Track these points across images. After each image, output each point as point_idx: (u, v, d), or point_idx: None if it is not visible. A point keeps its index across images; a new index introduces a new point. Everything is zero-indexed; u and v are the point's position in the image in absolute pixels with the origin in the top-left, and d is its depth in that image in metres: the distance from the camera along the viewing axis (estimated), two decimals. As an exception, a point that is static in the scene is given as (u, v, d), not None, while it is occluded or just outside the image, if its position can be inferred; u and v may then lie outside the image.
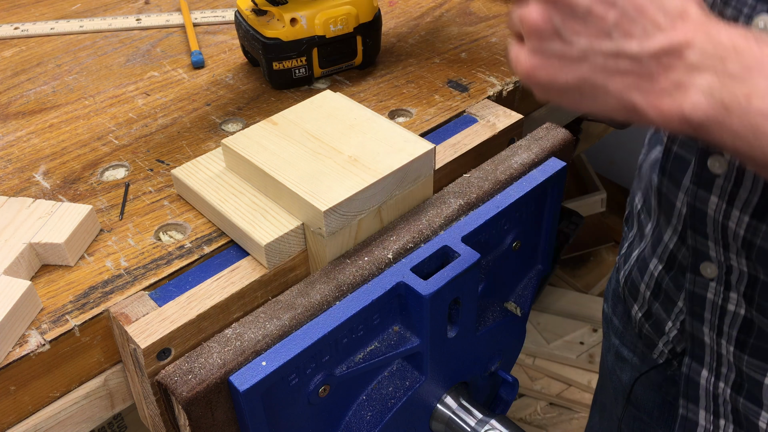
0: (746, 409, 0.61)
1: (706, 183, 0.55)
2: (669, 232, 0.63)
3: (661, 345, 0.70)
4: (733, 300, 0.58)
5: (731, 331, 0.59)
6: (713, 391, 0.63)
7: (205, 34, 0.86)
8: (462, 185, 0.62)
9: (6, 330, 0.47)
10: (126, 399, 0.55)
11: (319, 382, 0.52)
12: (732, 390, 0.62)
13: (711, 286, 0.59)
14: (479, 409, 0.64)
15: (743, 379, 0.60)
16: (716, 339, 0.61)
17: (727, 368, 0.61)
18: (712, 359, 0.62)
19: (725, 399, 0.63)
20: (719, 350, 0.61)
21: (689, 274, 0.60)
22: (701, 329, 0.62)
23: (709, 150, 0.54)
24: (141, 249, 0.56)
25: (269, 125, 0.60)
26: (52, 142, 0.68)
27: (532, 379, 1.74)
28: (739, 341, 0.59)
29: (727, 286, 0.58)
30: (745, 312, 0.57)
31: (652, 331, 0.71)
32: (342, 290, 0.53)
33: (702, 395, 0.65)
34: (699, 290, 0.60)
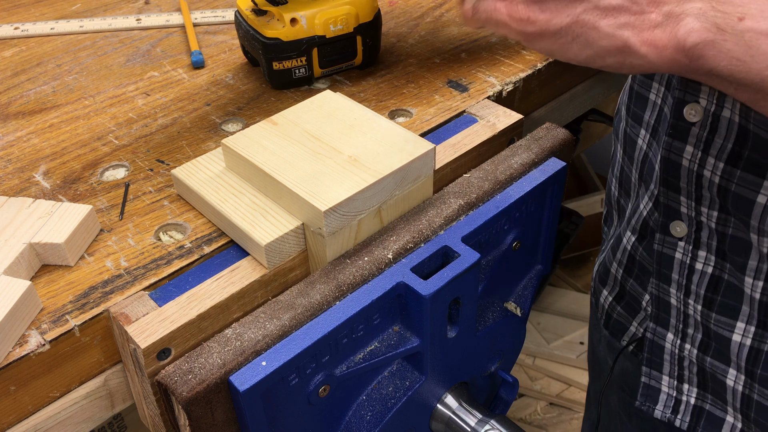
0: (714, 367, 0.62)
1: (681, 133, 0.55)
2: (645, 198, 0.64)
3: (633, 327, 0.71)
4: (701, 258, 0.58)
5: (699, 290, 0.60)
6: (678, 353, 0.64)
7: (205, 34, 0.86)
8: (462, 185, 0.62)
9: (6, 330, 0.47)
10: (126, 399, 0.55)
11: (319, 382, 0.52)
12: (699, 350, 0.62)
13: (680, 245, 0.59)
14: (479, 409, 0.64)
15: (710, 338, 0.61)
16: (683, 299, 0.61)
17: (694, 329, 0.62)
18: (678, 321, 0.63)
19: (691, 360, 0.63)
20: (686, 311, 0.62)
21: (658, 234, 0.61)
22: (668, 291, 0.62)
23: (686, 99, 0.54)
24: (141, 249, 0.56)
25: (269, 125, 0.60)
26: (52, 142, 0.68)
27: (532, 379, 1.74)
28: (706, 299, 0.59)
29: (696, 244, 0.58)
30: (712, 270, 0.58)
31: (625, 312, 0.71)
32: (342, 290, 0.53)
33: (666, 360, 0.65)
34: (667, 250, 0.61)
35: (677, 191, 0.58)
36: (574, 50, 0.46)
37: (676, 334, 0.64)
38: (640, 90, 0.63)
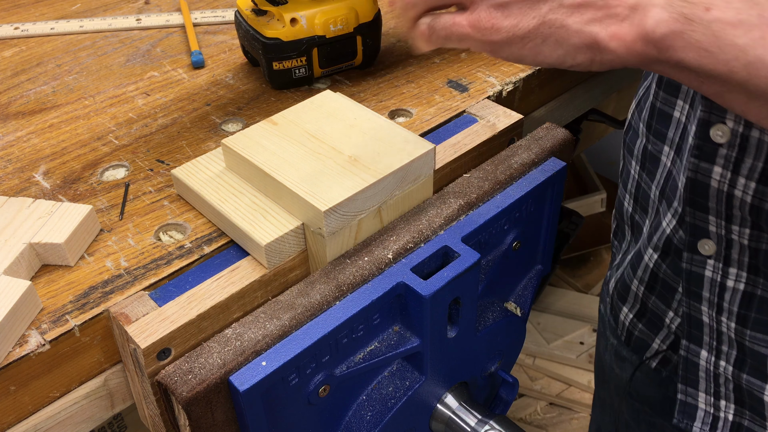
0: (750, 384, 0.61)
1: (708, 154, 0.54)
2: (668, 216, 0.63)
3: (656, 344, 0.70)
4: (732, 275, 0.57)
5: (732, 306, 0.59)
6: (714, 371, 0.63)
7: (205, 34, 0.86)
8: (462, 185, 0.62)
9: (6, 330, 0.47)
10: (126, 399, 0.55)
11: (319, 382, 0.52)
12: (734, 367, 0.61)
13: (709, 263, 0.59)
14: (479, 409, 0.64)
15: (746, 355, 0.60)
16: (716, 317, 0.60)
17: (728, 346, 0.61)
18: (712, 338, 0.62)
19: (727, 378, 0.62)
20: (719, 328, 0.61)
21: (686, 253, 0.60)
22: (699, 309, 0.61)
23: (711, 120, 0.53)
24: (141, 249, 0.56)
25: (269, 125, 0.60)
26: (52, 142, 0.68)
27: (532, 379, 1.74)
28: (740, 316, 0.58)
29: (727, 262, 0.57)
30: (744, 286, 0.57)
31: (647, 330, 0.70)
32: (342, 290, 0.53)
33: (702, 377, 0.64)
34: (696, 269, 0.60)
35: (705, 211, 0.57)
36: (544, 52, 0.45)
37: (711, 351, 0.62)
38: (663, 107, 0.62)
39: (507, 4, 0.44)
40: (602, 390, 0.90)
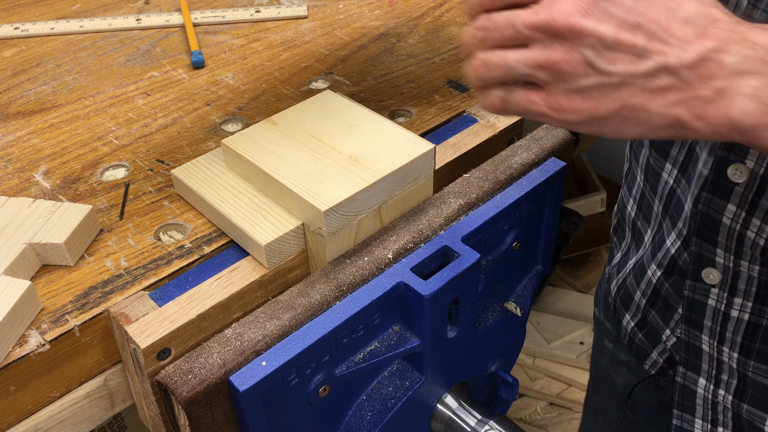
0: (750, 414, 0.60)
1: (723, 191, 0.53)
2: (673, 236, 0.62)
3: (655, 355, 0.70)
4: (737, 305, 0.56)
5: (735, 337, 0.58)
6: (712, 399, 0.63)
7: (205, 34, 0.86)
8: (462, 185, 0.62)
9: (6, 330, 0.47)
10: (126, 399, 0.55)
11: (319, 382, 0.52)
12: (734, 397, 0.61)
13: (713, 292, 0.57)
14: (479, 409, 0.64)
15: (747, 385, 0.59)
16: (717, 346, 0.59)
17: (728, 375, 0.60)
18: (711, 367, 0.61)
19: (726, 406, 0.62)
20: (720, 357, 0.60)
21: (689, 280, 0.59)
22: (699, 337, 0.61)
23: (730, 158, 0.52)
24: (141, 249, 0.56)
25: (269, 125, 0.60)
26: (52, 142, 0.68)
27: (532, 379, 1.74)
28: (743, 347, 0.57)
29: (732, 292, 0.56)
30: (750, 317, 0.56)
31: (646, 340, 0.70)
32: (342, 290, 0.53)
33: (699, 404, 0.64)
34: (699, 297, 0.59)
35: (714, 244, 0.56)
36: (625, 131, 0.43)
37: (709, 379, 0.62)
38: None
39: (587, 89, 0.42)
40: (596, 396, 0.90)
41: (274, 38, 0.85)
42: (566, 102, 0.43)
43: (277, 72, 0.78)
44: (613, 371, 0.80)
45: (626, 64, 0.41)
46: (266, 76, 0.77)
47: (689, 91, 0.41)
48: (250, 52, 0.82)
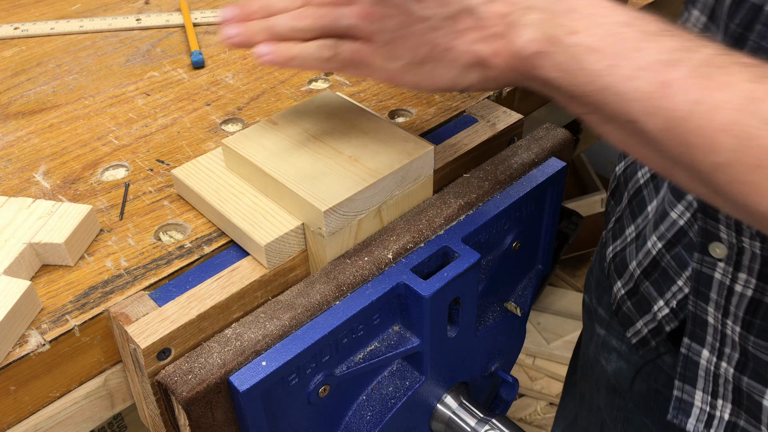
0: (750, 387, 0.61)
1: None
2: (680, 208, 0.62)
3: (640, 324, 0.70)
4: (741, 280, 0.57)
5: (738, 311, 0.59)
6: (714, 371, 0.63)
7: (205, 34, 0.86)
8: (462, 185, 0.62)
9: (6, 330, 0.47)
10: (126, 399, 0.55)
11: (319, 382, 0.52)
12: (735, 369, 0.61)
13: (719, 266, 0.58)
14: (479, 409, 0.64)
15: (748, 359, 0.60)
16: (722, 319, 0.60)
17: (731, 348, 0.61)
18: (715, 339, 0.62)
19: (727, 378, 0.62)
20: (724, 330, 0.60)
21: (697, 253, 0.59)
22: (706, 309, 0.61)
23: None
24: (141, 249, 0.56)
25: (269, 125, 0.60)
26: (52, 142, 0.68)
27: (532, 379, 1.74)
28: (745, 322, 0.58)
29: (737, 267, 0.57)
30: (753, 293, 0.57)
31: (634, 309, 0.71)
32: (342, 290, 0.53)
33: (701, 376, 0.65)
34: (707, 270, 0.59)
35: (716, 220, 0.57)
36: (440, 75, 0.49)
37: (713, 351, 0.62)
38: None
39: (405, 36, 0.48)
40: (582, 383, 0.90)
41: (274, 38, 0.85)
42: (389, 49, 0.49)
43: (277, 72, 0.78)
44: (604, 358, 0.81)
45: (436, 8, 0.47)
46: (266, 76, 0.77)
47: (486, 30, 0.47)
48: (250, 52, 0.82)
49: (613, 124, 0.44)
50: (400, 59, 0.49)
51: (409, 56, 0.48)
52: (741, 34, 0.50)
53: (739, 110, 0.37)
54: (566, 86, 0.44)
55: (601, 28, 0.42)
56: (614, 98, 0.42)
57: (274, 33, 0.51)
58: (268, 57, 0.50)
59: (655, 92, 0.40)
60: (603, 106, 0.43)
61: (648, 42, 0.41)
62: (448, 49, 0.48)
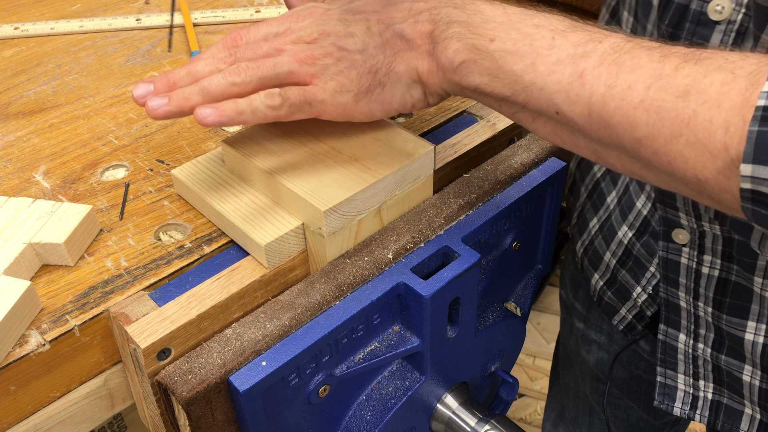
0: (729, 364, 0.62)
1: None
2: (643, 198, 0.65)
3: (624, 311, 0.72)
4: (707, 262, 0.59)
5: (707, 292, 0.60)
6: (692, 353, 0.65)
7: (205, 34, 0.86)
8: (462, 185, 0.62)
9: (6, 330, 0.47)
10: (126, 399, 0.55)
11: (319, 382, 0.52)
12: (713, 349, 0.63)
13: (684, 251, 0.60)
14: (479, 409, 0.64)
15: (723, 337, 0.61)
16: (693, 302, 0.62)
17: (706, 329, 0.63)
18: (689, 322, 0.64)
19: (705, 359, 0.64)
20: (696, 312, 0.62)
21: (662, 241, 0.61)
22: (677, 294, 0.63)
23: None
24: (141, 249, 0.56)
25: (269, 125, 0.60)
26: (52, 142, 0.68)
27: (532, 379, 1.74)
28: (716, 302, 0.60)
29: (701, 250, 0.59)
30: (719, 273, 0.59)
31: (615, 298, 0.72)
32: (342, 290, 0.53)
33: (681, 359, 0.66)
34: (673, 256, 0.61)
35: (675, 208, 0.59)
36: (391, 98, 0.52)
37: (689, 334, 0.64)
38: None
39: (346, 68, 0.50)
40: (566, 375, 0.93)
41: (274, 38, 0.85)
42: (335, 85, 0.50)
43: (277, 72, 0.78)
44: (584, 350, 0.83)
45: (367, 39, 0.51)
46: (266, 76, 0.77)
47: (417, 49, 0.51)
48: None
49: (542, 118, 0.47)
50: (349, 92, 0.51)
51: (356, 87, 0.50)
52: (672, 33, 0.53)
53: (650, 87, 0.40)
54: (495, 89, 0.47)
55: (516, 32, 0.46)
56: (538, 93, 0.45)
57: (210, 93, 0.50)
58: (213, 117, 0.49)
59: (573, 82, 0.43)
60: (529, 102, 0.46)
61: (559, 39, 0.44)
62: (389, 71, 0.51)
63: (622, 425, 0.86)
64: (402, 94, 0.52)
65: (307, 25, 0.52)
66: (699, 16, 0.50)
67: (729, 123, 0.37)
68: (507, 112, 0.49)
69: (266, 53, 0.51)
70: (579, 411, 0.92)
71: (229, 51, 0.52)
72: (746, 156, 0.36)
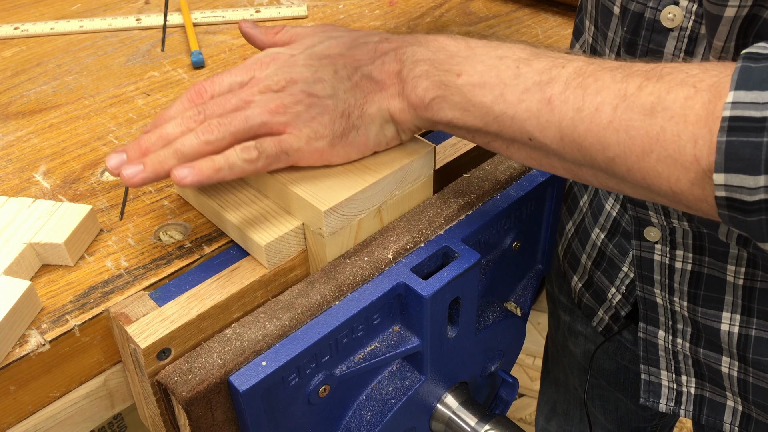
0: (707, 357, 0.63)
1: None
2: (611, 200, 0.66)
3: (601, 313, 0.73)
4: (679, 257, 0.60)
5: (682, 287, 0.61)
6: (672, 348, 0.66)
7: (205, 34, 0.86)
8: (462, 185, 0.62)
9: (6, 330, 0.47)
10: (126, 399, 0.55)
11: (319, 382, 0.52)
12: (691, 343, 0.64)
13: (656, 248, 0.61)
14: (479, 409, 0.64)
15: (700, 330, 0.62)
16: (668, 297, 0.63)
17: (683, 323, 0.63)
18: (667, 318, 0.64)
19: (685, 354, 0.65)
20: (673, 308, 0.63)
21: (634, 240, 0.62)
22: (652, 291, 0.64)
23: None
24: (141, 249, 0.56)
25: (269, 125, 0.60)
26: (52, 142, 0.68)
27: (532, 379, 1.74)
28: (690, 295, 0.61)
29: (673, 245, 0.60)
30: (692, 266, 0.60)
31: (593, 300, 0.73)
32: (342, 290, 0.53)
33: (662, 356, 0.67)
34: (646, 254, 0.62)
35: (645, 207, 0.59)
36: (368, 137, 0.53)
37: (667, 330, 0.65)
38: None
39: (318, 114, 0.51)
40: (555, 369, 0.94)
41: (274, 38, 0.85)
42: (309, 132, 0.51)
43: (277, 72, 0.78)
44: (572, 342, 0.84)
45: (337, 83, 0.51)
46: (266, 76, 0.77)
47: (387, 89, 0.52)
48: (250, 52, 0.82)
49: (516, 144, 0.48)
50: (324, 137, 0.51)
51: (330, 132, 0.51)
52: (631, 39, 0.54)
53: (616, 108, 0.41)
54: (467, 122, 0.48)
55: (482, 64, 0.47)
56: (510, 122, 0.46)
57: (184, 154, 0.49)
58: (191, 177, 0.48)
59: (542, 109, 0.44)
60: (502, 131, 0.47)
61: (524, 67, 0.46)
62: (362, 114, 0.52)
63: (611, 417, 0.87)
64: (376, 134, 0.53)
65: (273, 72, 0.52)
66: (653, 23, 0.52)
67: (697, 136, 0.38)
68: (481, 141, 0.50)
69: (235, 106, 0.51)
70: (570, 404, 0.93)
71: (197, 108, 0.51)
72: (718, 166, 0.37)
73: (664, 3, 0.51)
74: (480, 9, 0.89)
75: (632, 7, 0.53)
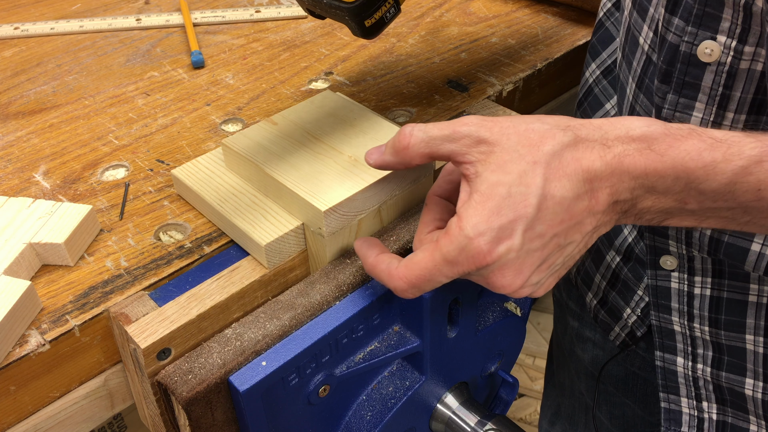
0: (730, 381, 0.63)
1: None
2: (629, 225, 0.65)
3: (617, 329, 0.73)
4: (698, 283, 0.60)
5: (702, 312, 0.61)
6: (692, 375, 0.65)
7: (205, 34, 0.86)
8: (462, 185, 0.62)
9: (6, 330, 0.47)
10: (126, 399, 0.55)
11: (319, 382, 0.52)
12: (712, 368, 0.63)
13: (674, 276, 0.61)
14: (479, 409, 0.64)
15: (722, 353, 0.62)
16: (688, 324, 0.62)
17: (703, 348, 0.63)
18: (686, 345, 0.64)
19: (705, 379, 0.65)
20: (692, 334, 0.63)
21: (649, 270, 0.62)
22: (669, 319, 0.63)
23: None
24: (141, 249, 0.56)
25: (269, 125, 0.60)
26: (52, 142, 0.68)
27: (532, 379, 1.74)
28: (712, 320, 0.61)
29: (691, 272, 0.60)
30: (711, 291, 0.59)
31: (608, 317, 0.73)
32: (342, 290, 0.53)
33: (682, 383, 0.66)
34: (662, 282, 0.62)
35: (665, 237, 0.59)
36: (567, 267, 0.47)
37: (686, 357, 0.65)
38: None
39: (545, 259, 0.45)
40: (561, 373, 0.94)
41: (274, 38, 0.85)
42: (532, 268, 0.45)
43: (277, 72, 0.78)
44: (579, 348, 0.84)
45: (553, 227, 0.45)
46: (266, 76, 0.77)
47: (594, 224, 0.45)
48: (250, 52, 0.82)
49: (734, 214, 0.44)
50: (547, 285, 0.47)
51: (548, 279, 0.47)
52: (666, 70, 0.53)
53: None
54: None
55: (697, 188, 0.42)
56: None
57: None
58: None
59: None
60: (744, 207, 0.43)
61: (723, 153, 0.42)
62: (576, 254, 0.47)
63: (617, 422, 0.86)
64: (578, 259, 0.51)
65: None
66: (689, 57, 0.51)
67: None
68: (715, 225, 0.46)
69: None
70: (575, 409, 0.93)
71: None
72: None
73: (701, 37, 0.50)
74: (480, 9, 0.89)
75: (669, 37, 0.52)
